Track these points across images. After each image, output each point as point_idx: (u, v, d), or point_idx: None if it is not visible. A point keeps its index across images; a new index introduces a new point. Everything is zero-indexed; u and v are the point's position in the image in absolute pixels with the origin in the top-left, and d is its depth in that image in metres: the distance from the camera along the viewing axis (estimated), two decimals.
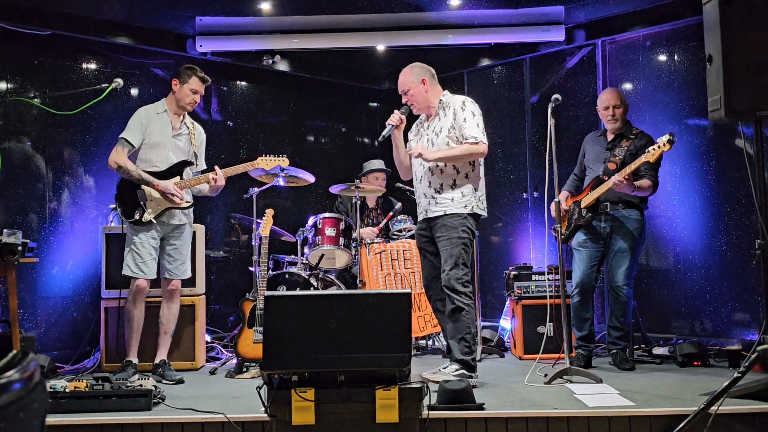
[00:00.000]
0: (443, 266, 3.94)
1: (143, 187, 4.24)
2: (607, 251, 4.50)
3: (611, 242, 4.47)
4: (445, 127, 4.03)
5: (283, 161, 4.55)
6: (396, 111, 4.12)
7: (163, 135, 4.33)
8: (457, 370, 3.81)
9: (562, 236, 4.61)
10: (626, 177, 4.20)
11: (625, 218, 4.45)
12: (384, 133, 4.11)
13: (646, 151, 4.14)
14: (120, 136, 4.27)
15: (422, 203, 4.10)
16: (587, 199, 4.48)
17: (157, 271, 4.36)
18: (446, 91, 4.18)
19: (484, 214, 4.09)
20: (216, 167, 4.37)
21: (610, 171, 4.45)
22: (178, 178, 4.33)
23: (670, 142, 4.02)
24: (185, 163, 4.38)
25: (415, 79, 4.12)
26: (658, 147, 4.07)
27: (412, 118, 4.26)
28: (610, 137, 4.62)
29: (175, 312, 4.42)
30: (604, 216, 4.48)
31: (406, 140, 4.25)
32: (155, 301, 4.51)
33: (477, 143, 3.94)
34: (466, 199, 3.98)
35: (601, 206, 4.48)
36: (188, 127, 4.46)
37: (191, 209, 4.46)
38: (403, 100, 4.16)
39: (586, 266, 4.52)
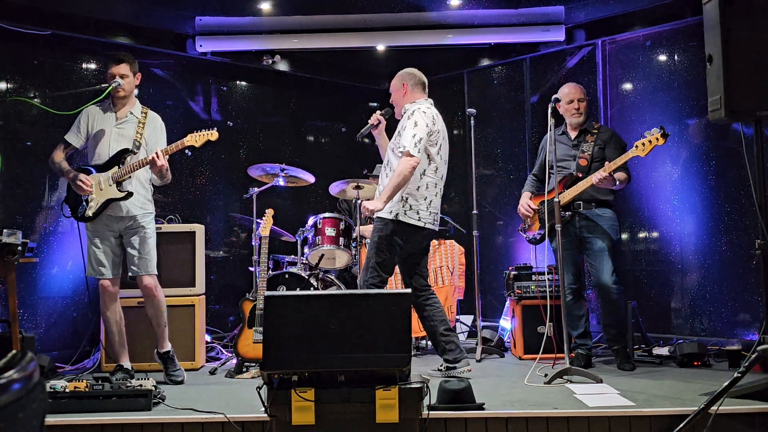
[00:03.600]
0: None
1: None
2: (587, 252, 4.49)
3: (589, 243, 4.45)
4: (394, 135, 4.13)
5: (212, 135, 4.20)
6: (377, 111, 4.29)
7: (104, 126, 4.28)
8: None
9: (539, 236, 4.60)
10: (610, 173, 4.19)
11: (599, 217, 4.44)
12: (362, 130, 4.31)
13: (635, 145, 4.06)
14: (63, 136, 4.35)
15: None
16: (563, 198, 4.41)
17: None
18: (421, 100, 4.18)
19: (417, 224, 4.02)
20: (157, 149, 4.19)
21: (582, 167, 4.45)
22: (116, 168, 4.20)
23: (664, 135, 3.93)
24: (124, 152, 4.22)
25: (398, 83, 4.25)
26: (650, 141, 3.98)
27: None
28: (573, 134, 4.61)
29: (158, 306, 4.27)
30: (578, 216, 4.47)
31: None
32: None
33: (404, 154, 3.92)
34: (391, 205, 3.99)
35: (575, 206, 4.46)
36: (136, 116, 4.32)
37: (144, 200, 4.28)
38: (390, 101, 4.32)
39: (572, 267, 4.51)
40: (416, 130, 3.98)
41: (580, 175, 4.40)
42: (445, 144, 4.20)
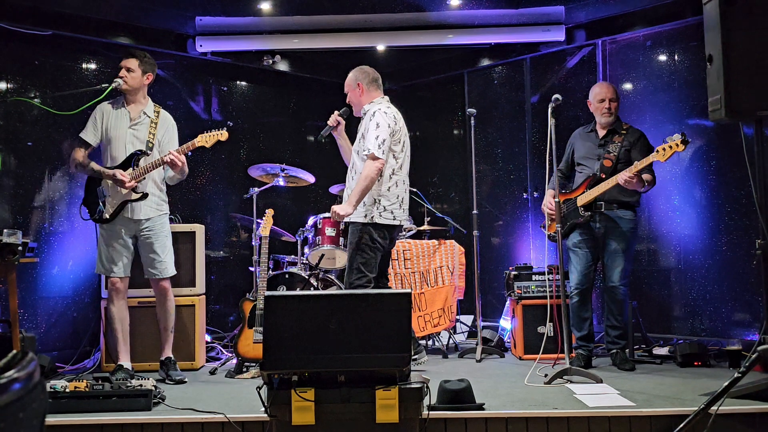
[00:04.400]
0: None
1: (102, 184, 4.25)
2: (603, 251, 4.49)
3: (606, 242, 4.45)
4: (357, 137, 4.23)
5: (222, 135, 4.26)
6: (335, 112, 4.32)
7: (119, 128, 4.29)
8: None
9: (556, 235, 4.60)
10: (635, 174, 4.17)
11: (620, 219, 4.43)
12: (322, 132, 4.35)
13: (656, 150, 4.05)
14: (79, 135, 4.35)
15: None
16: (585, 198, 4.44)
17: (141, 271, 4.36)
18: (378, 99, 4.28)
19: (393, 222, 4.18)
20: (170, 150, 4.20)
21: (606, 168, 4.43)
22: (130, 169, 4.22)
23: (684, 142, 3.92)
24: (138, 153, 4.25)
25: (352, 83, 4.31)
26: (670, 147, 3.96)
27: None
28: (601, 133, 4.59)
29: (168, 308, 4.36)
30: (599, 216, 4.47)
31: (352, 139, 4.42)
32: (152, 302, 4.50)
33: (368, 157, 4.03)
34: (365, 209, 4.09)
35: (597, 205, 4.46)
36: (149, 116, 4.35)
37: (160, 201, 4.33)
38: (347, 101, 4.35)
39: (584, 267, 4.51)
40: (379, 132, 4.06)
41: (604, 176, 4.39)
42: (407, 140, 4.31)
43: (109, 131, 4.30)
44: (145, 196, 4.22)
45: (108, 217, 4.21)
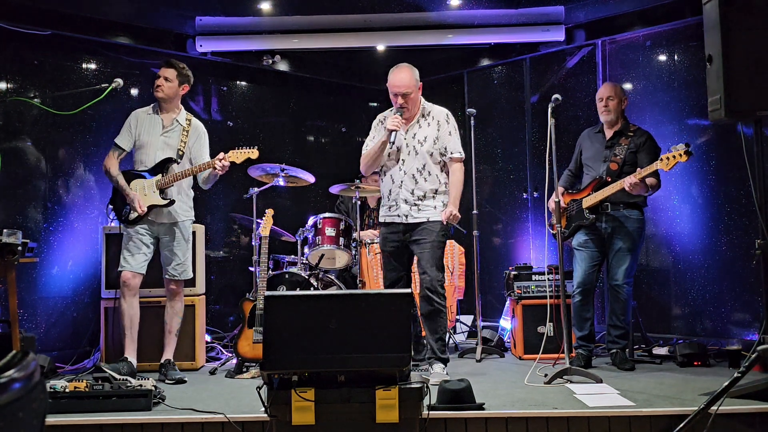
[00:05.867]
0: (424, 268, 4.06)
1: (131, 186, 4.31)
2: (608, 251, 4.49)
3: (612, 242, 4.46)
4: (429, 138, 4.12)
5: (253, 153, 4.36)
6: (396, 115, 4.06)
7: (151, 134, 4.37)
8: (444, 368, 4.05)
9: (563, 235, 4.60)
10: (640, 179, 4.18)
11: (626, 218, 4.43)
12: (391, 139, 4.06)
13: (660, 158, 4.08)
14: (114, 140, 4.39)
15: (402, 208, 4.12)
16: (590, 200, 4.45)
17: (159, 271, 4.41)
18: (421, 98, 4.27)
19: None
20: (214, 162, 4.27)
21: (612, 171, 4.43)
22: (159, 175, 4.31)
23: (687, 153, 3.95)
24: (168, 161, 4.34)
25: (415, 83, 4.14)
26: (674, 156, 3.99)
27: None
28: (608, 134, 4.60)
29: (177, 311, 4.43)
30: (605, 216, 4.47)
31: None
32: (158, 301, 4.52)
33: (460, 159, 4.17)
34: (442, 208, 4.16)
35: (603, 206, 4.46)
36: (181, 124, 4.43)
37: (186, 207, 4.43)
38: (399, 101, 4.08)
39: (588, 266, 4.51)
40: (458, 134, 4.21)
41: (609, 180, 4.39)
42: None
43: (141, 136, 4.37)
44: (171, 202, 4.31)
45: (134, 218, 4.28)
